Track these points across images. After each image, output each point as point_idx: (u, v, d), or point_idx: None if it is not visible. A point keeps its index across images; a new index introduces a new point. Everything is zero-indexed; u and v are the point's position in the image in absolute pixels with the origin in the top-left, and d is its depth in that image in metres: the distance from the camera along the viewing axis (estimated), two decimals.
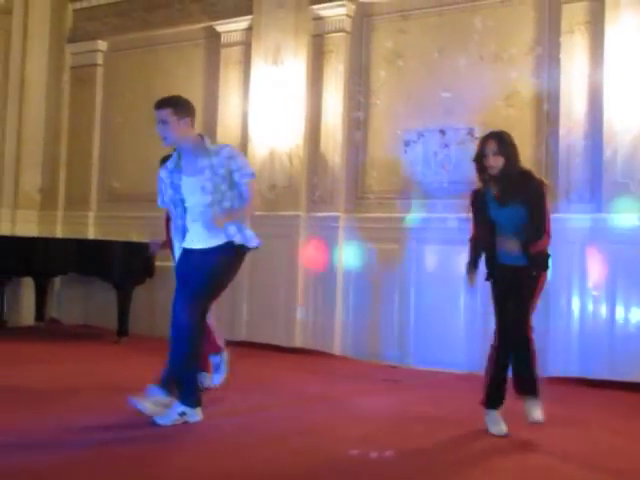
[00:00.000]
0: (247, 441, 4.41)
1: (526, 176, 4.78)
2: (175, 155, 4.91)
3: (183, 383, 4.73)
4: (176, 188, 4.83)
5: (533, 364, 4.74)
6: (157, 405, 4.67)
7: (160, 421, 4.59)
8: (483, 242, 4.85)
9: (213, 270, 4.76)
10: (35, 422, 4.61)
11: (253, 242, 4.82)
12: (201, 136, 4.90)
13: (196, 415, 4.71)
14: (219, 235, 4.73)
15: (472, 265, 4.88)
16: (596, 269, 6.68)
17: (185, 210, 4.86)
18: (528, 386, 4.75)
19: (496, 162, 4.70)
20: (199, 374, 5.06)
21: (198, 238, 4.81)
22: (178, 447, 4.22)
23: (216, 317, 5.82)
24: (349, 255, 7.94)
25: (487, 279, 4.86)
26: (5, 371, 6.31)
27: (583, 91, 6.88)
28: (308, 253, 8.05)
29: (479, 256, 4.89)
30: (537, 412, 4.68)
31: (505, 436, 4.65)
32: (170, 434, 4.48)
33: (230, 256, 4.78)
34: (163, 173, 4.92)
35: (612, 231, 6.61)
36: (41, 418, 4.73)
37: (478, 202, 4.87)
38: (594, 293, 6.69)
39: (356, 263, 7.92)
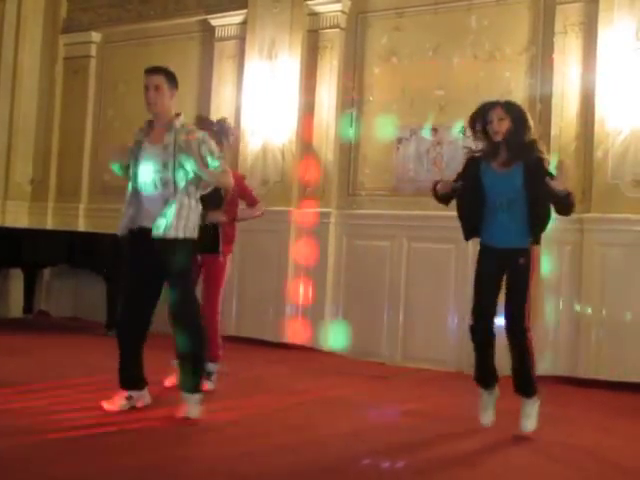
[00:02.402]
0: (231, 435, 4.40)
1: (532, 144, 4.48)
2: (146, 124, 4.78)
3: None
4: (136, 157, 4.72)
5: (530, 364, 4.53)
6: None
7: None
8: (469, 213, 4.57)
9: None
10: (19, 412, 4.57)
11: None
12: (177, 114, 4.74)
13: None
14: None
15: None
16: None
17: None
18: (524, 387, 4.57)
19: (501, 127, 4.43)
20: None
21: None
22: (165, 439, 4.22)
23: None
24: (338, 254, 7.96)
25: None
26: None
27: (575, 92, 6.90)
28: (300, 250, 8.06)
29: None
30: (527, 422, 4.54)
31: (487, 426, 4.66)
32: (158, 426, 4.47)
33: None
34: (137, 136, 4.79)
35: (602, 231, 6.64)
36: (26, 408, 4.69)
37: (473, 168, 4.57)
38: None
39: (345, 262, 7.94)
